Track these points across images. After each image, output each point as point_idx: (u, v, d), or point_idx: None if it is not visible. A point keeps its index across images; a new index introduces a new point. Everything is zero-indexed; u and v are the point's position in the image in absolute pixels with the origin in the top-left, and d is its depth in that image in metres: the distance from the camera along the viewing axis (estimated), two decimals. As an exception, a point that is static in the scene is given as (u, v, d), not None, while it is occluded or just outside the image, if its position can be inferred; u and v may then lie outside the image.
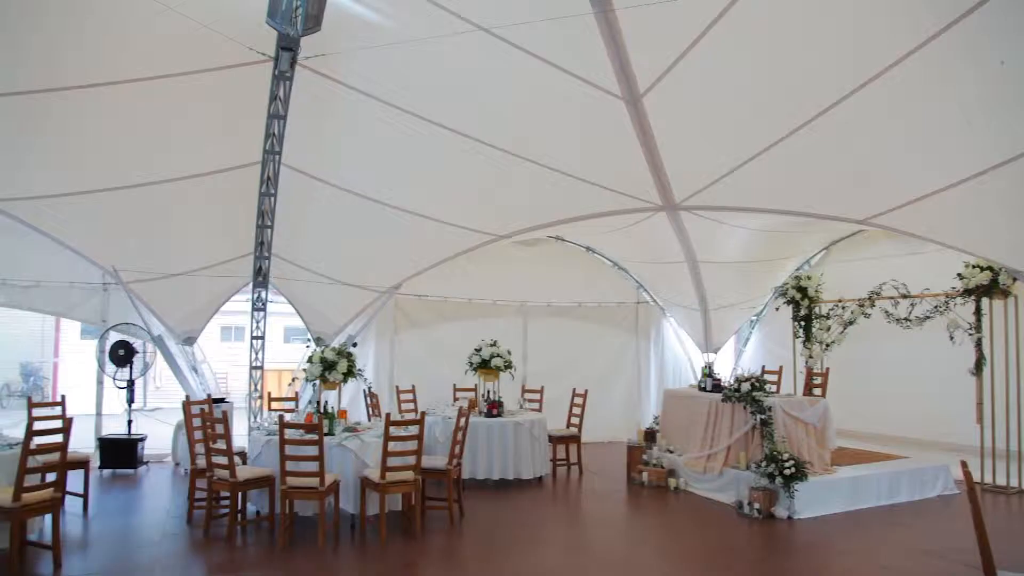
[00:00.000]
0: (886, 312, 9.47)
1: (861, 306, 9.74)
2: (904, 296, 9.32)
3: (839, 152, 7.00)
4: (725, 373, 11.53)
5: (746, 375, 8.47)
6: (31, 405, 7.53)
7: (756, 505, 7.53)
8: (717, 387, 9.05)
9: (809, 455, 8.02)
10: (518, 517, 7.64)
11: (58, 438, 5.74)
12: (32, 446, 5.43)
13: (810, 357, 9.95)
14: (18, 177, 7.60)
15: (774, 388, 9.32)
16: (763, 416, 8.03)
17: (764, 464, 7.62)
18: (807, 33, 5.61)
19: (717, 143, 7.30)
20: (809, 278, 10.01)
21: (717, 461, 8.51)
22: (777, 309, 10.80)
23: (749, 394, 8.20)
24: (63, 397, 7.98)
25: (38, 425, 5.68)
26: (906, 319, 9.31)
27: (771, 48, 5.85)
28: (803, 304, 9.97)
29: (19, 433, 5.95)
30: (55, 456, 5.75)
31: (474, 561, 6.23)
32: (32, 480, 5.51)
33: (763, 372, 9.23)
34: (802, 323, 10.07)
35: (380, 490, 6.50)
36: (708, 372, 9.72)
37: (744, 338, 13.51)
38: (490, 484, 8.88)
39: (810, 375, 9.79)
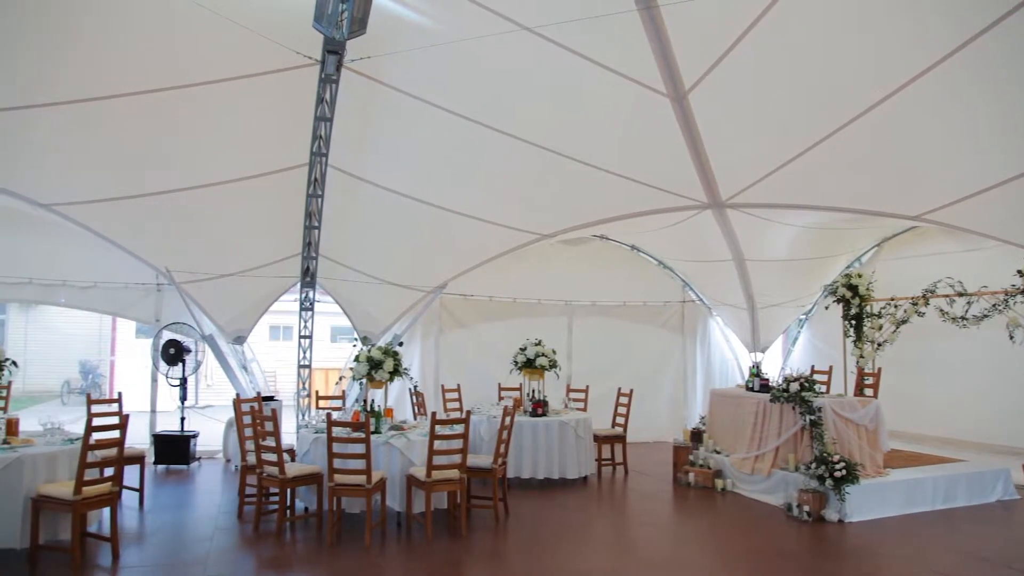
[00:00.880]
0: (941, 311, 9.20)
1: (915, 304, 9.48)
2: (960, 294, 9.05)
3: (891, 146, 6.84)
4: (773, 373, 11.35)
5: (795, 375, 8.32)
6: (90, 402, 7.74)
7: (805, 507, 7.39)
8: (765, 387, 8.91)
9: (860, 457, 7.84)
10: (563, 516, 7.63)
11: (115, 434, 5.91)
12: (91, 442, 5.60)
13: (861, 357, 9.73)
14: (75, 182, 7.85)
15: (824, 388, 9.14)
16: (812, 417, 7.88)
17: (814, 466, 7.48)
18: (857, 25, 5.49)
19: (764, 139, 7.20)
20: (860, 276, 9.78)
21: (765, 462, 8.38)
22: (827, 308, 10.59)
23: (798, 394, 8.05)
24: (120, 394, 8.21)
25: (96, 421, 5.86)
26: (962, 318, 9.03)
27: (818, 41, 5.74)
28: (854, 303, 9.75)
29: (79, 428, 6.15)
30: (113, 451, 5.91)
31: (519, 560, 6.24)
32: (91, 474, 5.67)
33: (812, 372, 9.05)
34: (853, 322, 9.84)
35: (426, 488, 6.55)
36: (756, 372, 9.57)
37: (793, 337, 13.28)
38: (535, 483, 8.87)
39: (861, 375, 9.57)
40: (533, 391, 9.30)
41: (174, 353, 10.04)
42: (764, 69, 6.08)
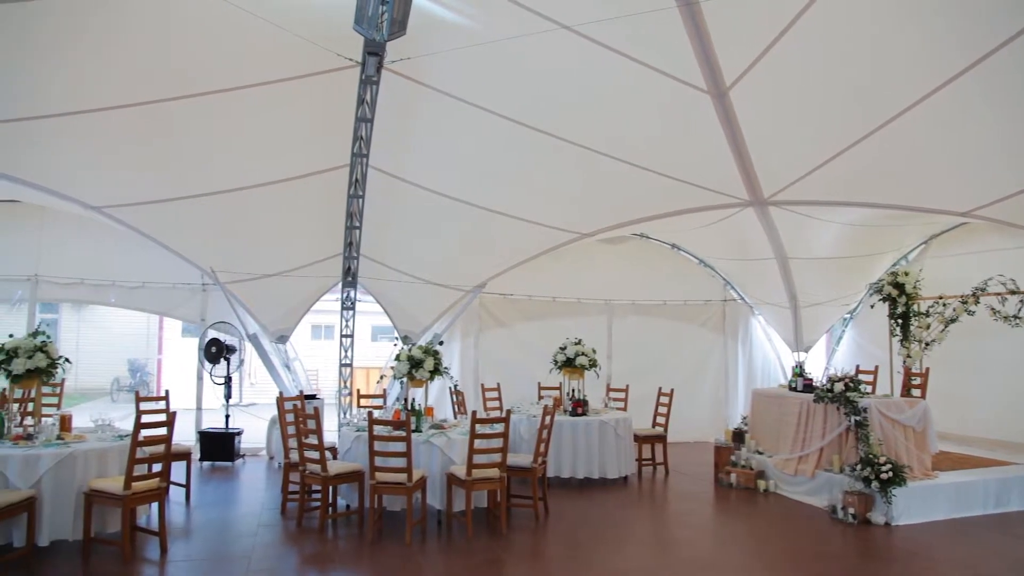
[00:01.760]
0: (992, 309, 8.95)
1: (964, 303, 9.23)
2: (1012, 292, 8.79)
3: (940, 141, 6.68)
4: (817, 373, 11.15)
5: (839, 375, 8.18)
6: (138, 399, 7.94)
7: (851, 510, 7.25)
8: (808, 387, 8.77)
9: (908, 459, 7.67)
10: (603, 516, 7.60)
11: (163, 431, 6.04)
12: (140, 438, 5.74)
13: (908, 357, 9.50)
14: (124, 184, 8.05)
15: (869, 388, 8.96)
16: (858, 417, 7.73)
17: (859, 467, 7.34)
18: (905, 16, 5.37)
19: (807, 135, 7.09)
20: (907, 274, 9.54)
21: (809, 463, 8.25)
22: (872, 307, 10.35)
23: (843, 394, 7.90)
24: (167, 392, 8.38)
25: (144, 418, 6.00)
26: (1015, 316, 8.77)
27: (864, 33, 5.63)
28: (900, 301, 9.51)
29: (128, 425, 6.30)
30: (160, 448, 6.05)
31: (559, 559, 6.23)
32: (140, 470, 5.81)
33: (857, 372, 8.89)
34: (899, 321, 9.61)
35: (466, 487, 6.57)
36: (799, 371, 9.42)
37: (837, 337, 13.04)
38: (575, 483, 8.85)
39: (908, 375, 9.35)
40: (573, 390, 9.28)
41: (215, 352, 10.23)
42: (807, 63, 5.97)
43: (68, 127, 6.73)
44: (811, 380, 8.96)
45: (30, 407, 6.47)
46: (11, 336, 6.31)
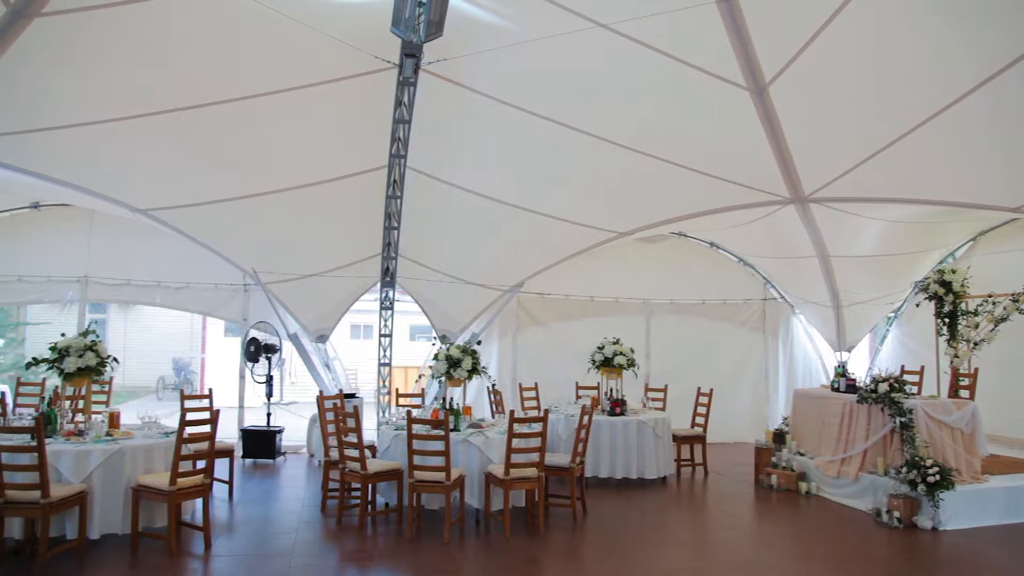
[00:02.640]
0: (1045, 307, 8.70)
1: (1015, 301, 8.98)
2: (1066, 290, 8.53)
3: (989, 134, 6.51)
4: (860, 373, 10.95)
5: (884, 375, 8.01)
6: (183, 397, 8.09)
7: (896, 513, 7.10)
8: (852, 387, 8.61)
9: (956, 462, 7.49)
10: (642, 517, 7.56)
11: (207, 428, 6.15)
12: (185, 435, 5.87)
13: (955, 357, 9.27)
14: (169, 187, 8.22)
15: (915, 389, 8.76)
16: (903, 419, 7.57)
17: (904, 470, 7.19)
18: (952, 6, 5.24)
19: (849, 130, 6.97)
20: (954, 271, 9.31)
21: (852, 465, 8.10)
22: (918, 305, 10.13)
23: (887, 395, 7.75)
24: (210, 390, 8.54)
25: (189, 416, 6.13)
26: (1069, 315, 8.51)
27: (908, 25, 5.51)
28: (947, 300, 9.29)
29: (173, 422, 6.44)
30: (204, 445, 6.17)
31: (597, 559, 6.21)
32: (185, 467, 5.94)
33: (902, 372, 8.70)
34: (946, 320, 9.38)
35: (504, 486, 6.59)
36: (842, 372, 9.25)
37: (881, 336, 12.78)
38: (613, 483, 8.82)
39: (956, 376, 9.13)
40: (611, 390, 9.24)
41: (253, 351, 10.40)
42: (849, 56, 5.87)
43: (115, 133, 6.89)
44: (854, 380, 8.80)
45: (81, 404, 6.65)
46: (63, 335, 6.50)
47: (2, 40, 5.31)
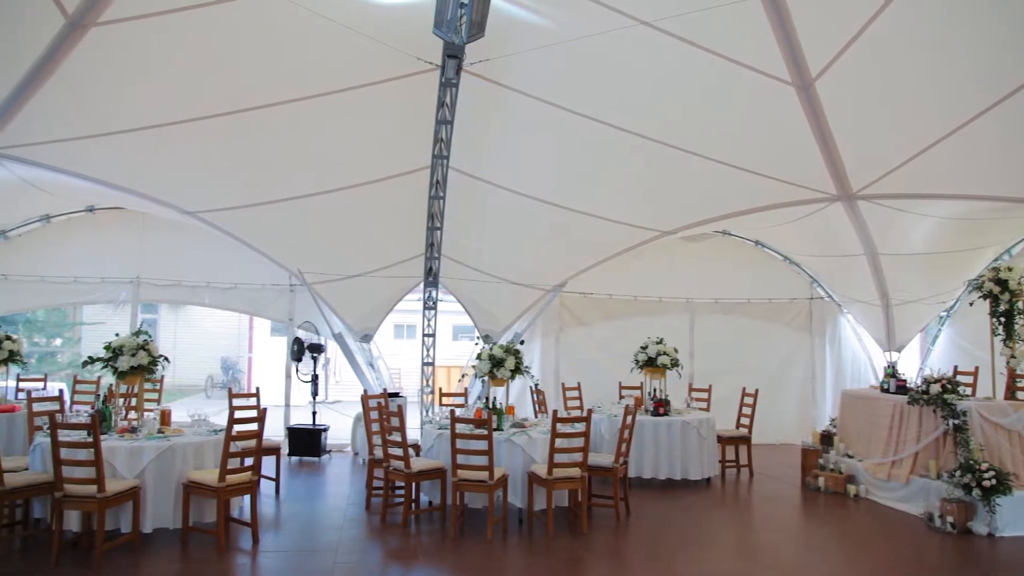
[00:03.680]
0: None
1: (1075, 300, 8.68)
2: None
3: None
4: (911, 373, 10.69)
5: (936, 376, 7.82)
6: (231, 396, 8.27)
7: (949, 519, 6.92)
8: (902, 388, 8.41)
9: (1013, 466, 7.26)
10: (685, 518, 7.49)
11: (254, 426, 6.28)
12: (233, 433, 5.99)
13: (1012, 357, 8.99)
14: (217, 190, 8.40)
15: (968, 391, 8.52)
16: (956, 421, 7.37)
17: (958, 474, 6.99)
18: None
19: (899, 125, 6.81)
20: (1010, 269, 9.03)
21: (903, 468, 7.92)
22: (971, 304, 9.85)
23: (939, 396, 7.55)
24: (257, 389, 8.71)
25: (237, 414, 6.25)
26: None
27: (960, 13, 5.36)
28: (1003, 298, 9.01)
29: (222, 420, 6.58)
30: (252, 443, 6.29)
31: (640, 560, 6.17)
32: (233, 464, 6.06)
33: (955, 373, 8.47)
34: (1002, 319, 9.10)
35: (547, 486, 6.59)
36: (891, 372, 9.05)
37: (932, 336, 12.45)
38: (656, 483, 8.75)
39: (1012, 377, 8.84)
40: (654, 390, 9.18)
41: (297, 350, 10.56)
42: (899, 48, 5.74)
43: (166, 137, 7.06)
44: (904, 381, 8.60)
45: (133, 402, 6.83)
46: (117, 335, 6.69)
47: (61, 50, 5.50)
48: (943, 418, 7.53)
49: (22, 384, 9.17)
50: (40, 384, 9.29)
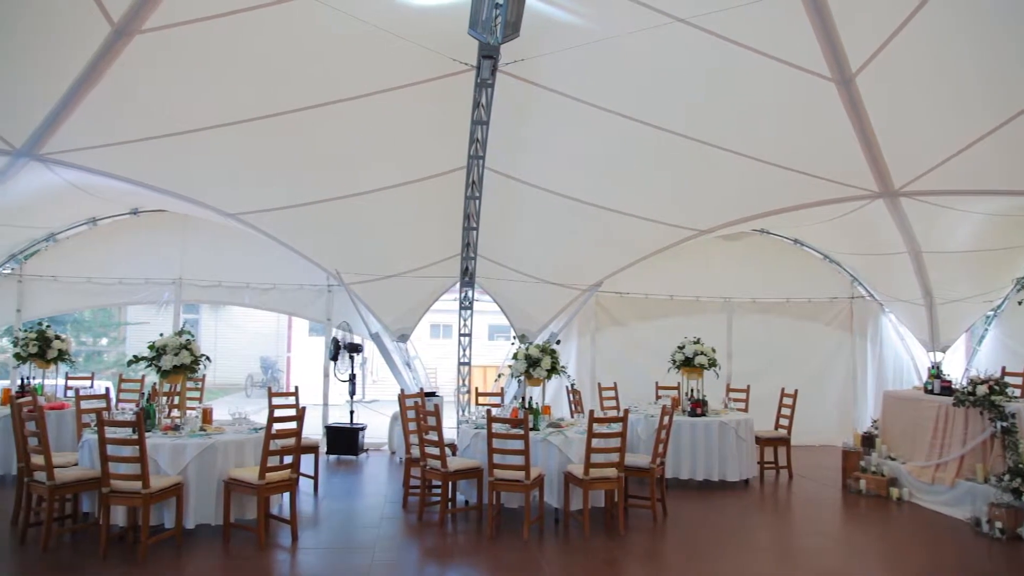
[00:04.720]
0: None
1: None
2: None
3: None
4: (956, 374, 10.45)
5: (983, 377, 7.63)
6: (271, 395, 8.39)
7: (998, 524, 6.74)
8: (947, 390, 8.23)
9: (1064, 469, 7.06)
10: (723, 520, 7.42)
11: (293, 425, 6.36)
12: (272, 431, 6.07)
13: (1063, 357, 8.76)
14: (257, 192, 8.54)
15: (1017, 392, 8.31)
16: (1004, 423, 7.19)
17: (1007, 478, 6.82)
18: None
19: (943, 120, 6.66)
20: (1060, 268, 8.80)
21: (948, 472, 7.74)
22: (1020, 303, 9.61)
23: (987, 398, 7.37)
24: (296, 388, 8.82)
25: (276, 413, 6.34)
26: None
27: (1004, 8, 5.22)
28: (1053, 297, 8.80)
29: (261, 419, 6.69)
30: (291, 441, 6.37)
31: (677, 562, 6.13)
32: (273, 461, 6.15)
33: (1003, 374, 8.27)
34: (1052, 319, 8.88)
35: (583, 486, 6.57)
36: (936, 373, 8.87)
37: (979, 336, 12.14)
38: (693, 484, 8.68)
39: (1063, 378, 8.62)
40: (691, 390, 9.10)
41: (333, 349, 10.67)
42: (942, 41, 5.61)
43: (207, 140, 7.20)
44: (949, 382, 8.43)
45: (176, 400, 6.97)
46: (161, 335, 6.83)
47: (107, 57, 5.63)
48: (990, 420, 7.35)
49: (70, 382, 9.43)
50: (87, 382, 9.52)
